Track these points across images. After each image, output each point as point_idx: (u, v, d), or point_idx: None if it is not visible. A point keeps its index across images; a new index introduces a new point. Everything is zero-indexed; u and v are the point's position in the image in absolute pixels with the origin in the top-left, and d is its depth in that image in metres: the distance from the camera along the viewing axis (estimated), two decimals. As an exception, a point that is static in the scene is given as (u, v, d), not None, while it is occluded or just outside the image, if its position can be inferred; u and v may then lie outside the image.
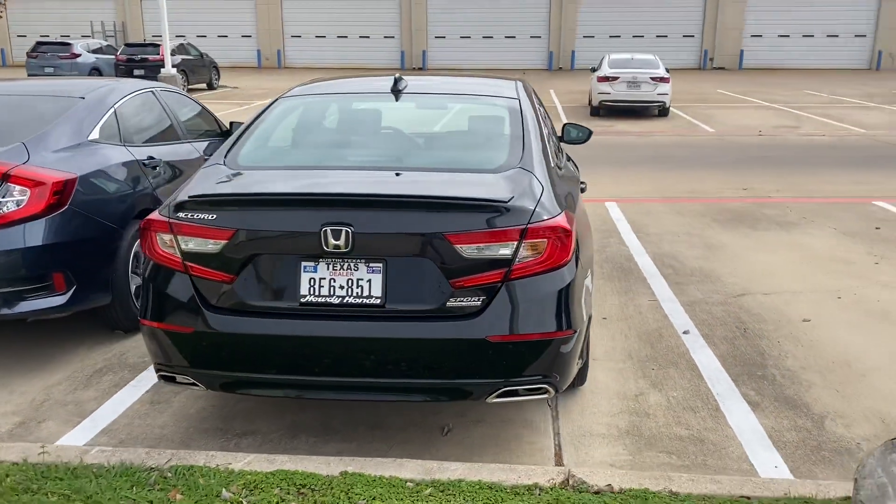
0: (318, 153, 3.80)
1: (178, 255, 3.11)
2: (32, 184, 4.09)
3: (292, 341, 3.03)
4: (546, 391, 3.10)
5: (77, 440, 3.51)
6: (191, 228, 3.07)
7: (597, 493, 2.83)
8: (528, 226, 2.97)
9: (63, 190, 4.19)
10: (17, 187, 4.07)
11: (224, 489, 2.84)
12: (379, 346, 3.01)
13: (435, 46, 37.55)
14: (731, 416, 3.73)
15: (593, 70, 18.88)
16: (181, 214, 3.10)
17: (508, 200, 3.02)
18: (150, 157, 5.11)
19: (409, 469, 2.98)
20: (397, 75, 4.11)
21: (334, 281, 3.01)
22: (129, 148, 4.96)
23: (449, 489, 2.84)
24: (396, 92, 4.04)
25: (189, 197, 3.12)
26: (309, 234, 2.97)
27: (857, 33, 35.74)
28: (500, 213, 2.98)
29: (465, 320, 2.97)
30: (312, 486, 2.85)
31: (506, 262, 2.97)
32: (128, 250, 4.61)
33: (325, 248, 2.95)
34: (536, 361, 3.03)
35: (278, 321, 3.03)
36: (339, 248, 2.94)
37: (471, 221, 2.96)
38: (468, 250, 2.94)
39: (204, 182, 3.29)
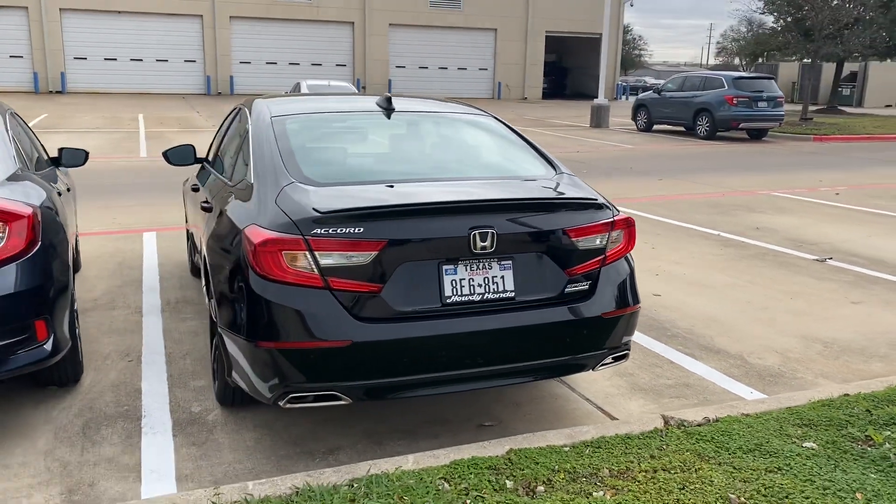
0: (380, 167, 3.91)
1: (316, 271, 3.09)
2: (10, 217, 3.48)
3: (439, 340, 3.22)
4: (627, 355, 3.72)
5: (165, 490, 3.18)
6: (334, 243, 3.08)
7: (699, 425, 3.54)
8: (615, 219, 3.59)
9: (35, 224, 3.62)
10: None
11: (443, 481, 2.95)
12: (513, 334, 3.34)
13: (75, 68, 34.25)
14: (686, 365, 4.72)
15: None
16: (319, 230, 3.08)
17: (597, 199, 3.60)
18: (58, 187, 4.51)
19: (553, 438, 3.37)
20: (387, 94, 4.35)
21: (473, 280, 3.28)
22: (40, 177, 4.33)
23: (602, 445, 3.31)
24: (388, 110, 4.30)
25: (328, 212, 3.11)
26: (457, 238, 3.21)
27: (480, 67, 41.32)
28: (598, 209, 3.55)
29: (581, 302, 3.47)
30: (500, 467, 3.09)
31: (601, 251, 3.55)
32: (71, 290, 4.06)
33: (472, 249, 3.22)
34: (625, 330, 3.64)
35: (427, 323, 3.20)
36: (486, 249, 3.24)
37: (582, 217, 3.48)
38: (580, 242, 3.46)
39: (320, 198, 3.24)
